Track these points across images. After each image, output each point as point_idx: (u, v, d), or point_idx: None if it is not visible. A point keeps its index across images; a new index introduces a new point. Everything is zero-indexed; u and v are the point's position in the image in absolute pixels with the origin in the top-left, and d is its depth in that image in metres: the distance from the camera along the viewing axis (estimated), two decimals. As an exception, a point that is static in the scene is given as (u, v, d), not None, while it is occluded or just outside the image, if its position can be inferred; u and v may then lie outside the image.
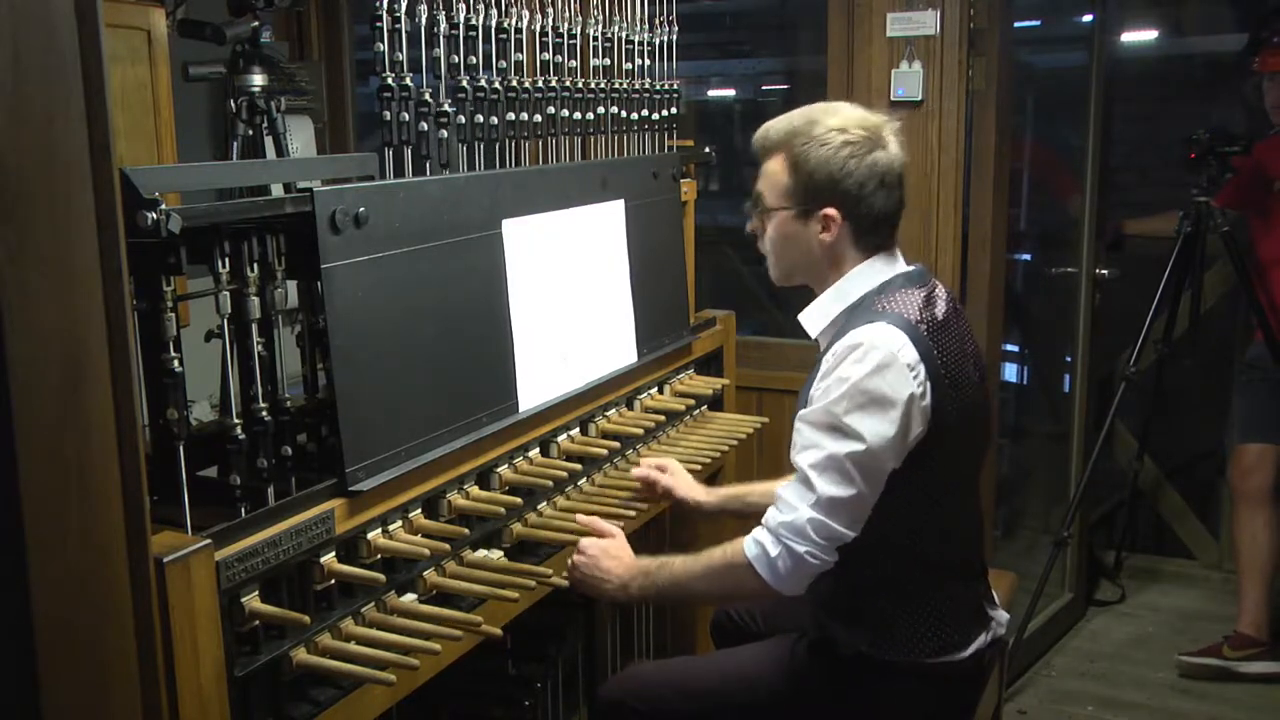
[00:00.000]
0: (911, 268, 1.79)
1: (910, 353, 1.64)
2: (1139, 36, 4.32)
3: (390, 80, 1.74)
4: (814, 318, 1.81)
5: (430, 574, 1.67)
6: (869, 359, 1.63)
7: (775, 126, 1.78)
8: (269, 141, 2.27)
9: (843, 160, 1.70)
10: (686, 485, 2.09)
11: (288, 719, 1.44)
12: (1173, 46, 4.42)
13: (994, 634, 1.82)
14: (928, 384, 1.64)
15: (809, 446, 1.66)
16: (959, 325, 1.77)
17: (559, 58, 2.12)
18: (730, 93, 4.88)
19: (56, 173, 1.06)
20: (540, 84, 2.07)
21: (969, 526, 1.84)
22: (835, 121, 1.72)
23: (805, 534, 1.64)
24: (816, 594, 1.80)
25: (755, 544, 1.69)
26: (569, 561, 1.86)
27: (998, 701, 2.09)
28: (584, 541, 1.86)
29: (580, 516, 1.92)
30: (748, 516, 1.97)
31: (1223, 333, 3.88)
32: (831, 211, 1.72)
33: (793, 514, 1.65)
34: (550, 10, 2.08)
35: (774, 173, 1.77)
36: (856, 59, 2.89)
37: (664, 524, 2.51)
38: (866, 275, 1.76)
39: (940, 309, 1.73)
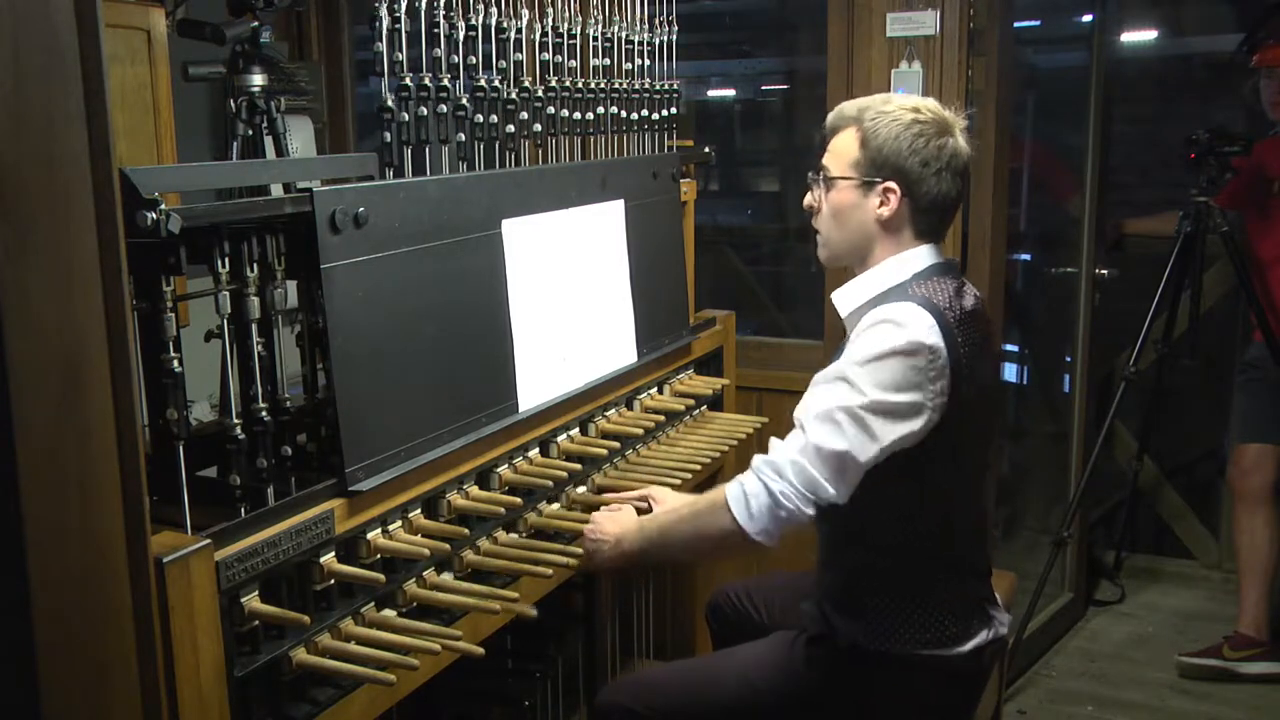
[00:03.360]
0: (945, 261, 1.81)
1: (935, 337, 1.65)
2: (1139, 36, 4.31)
3: (390, 103, 1.75)
4: (848, 296, 1.82)
5: (430, 573, 1.67)
6: (893, 337, 1.64)
7: (849, 103, 1.82)
8: (269, 141, 2.26)
9: (911, 138, 1.72)
10: (673, 497, 2.03)
11: (288, 719, 1.45)
12: (1173, 46, 4.42)
13: (995, 632, 1.83)
14: (947, 371, 1.65)
15: (809, 400, 1.69)
16: (983, 322, 1.78)
17: (559, 58, 2.12)
18: (730, 93, 4.87)
19: (56, 173, 1.06)
20: (540, 84, 2.07)
21: (970, 524, 1.84)
22: (909, 103, 1.76)
23: (784, 473, 1.66)
24: (818, 585, 1.81)
25: (736, 483, 1.71)
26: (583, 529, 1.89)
27: (997, 701, 2.09)
28: (594, 514, 1.91)
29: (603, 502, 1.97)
30: None
31: (1223, 333, 3.88)
32: (893, 185, 1.74)
33: (775, 453, 1.69)
34: (550, 10, 2.08)
35: (843, 145, 1.79)
36: (856, 59, 2.89)
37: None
38: (905, 263, 1.77)
39: (968, 302, 1.75)
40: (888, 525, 1.69)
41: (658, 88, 2.45)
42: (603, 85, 2.26)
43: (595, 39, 2.25)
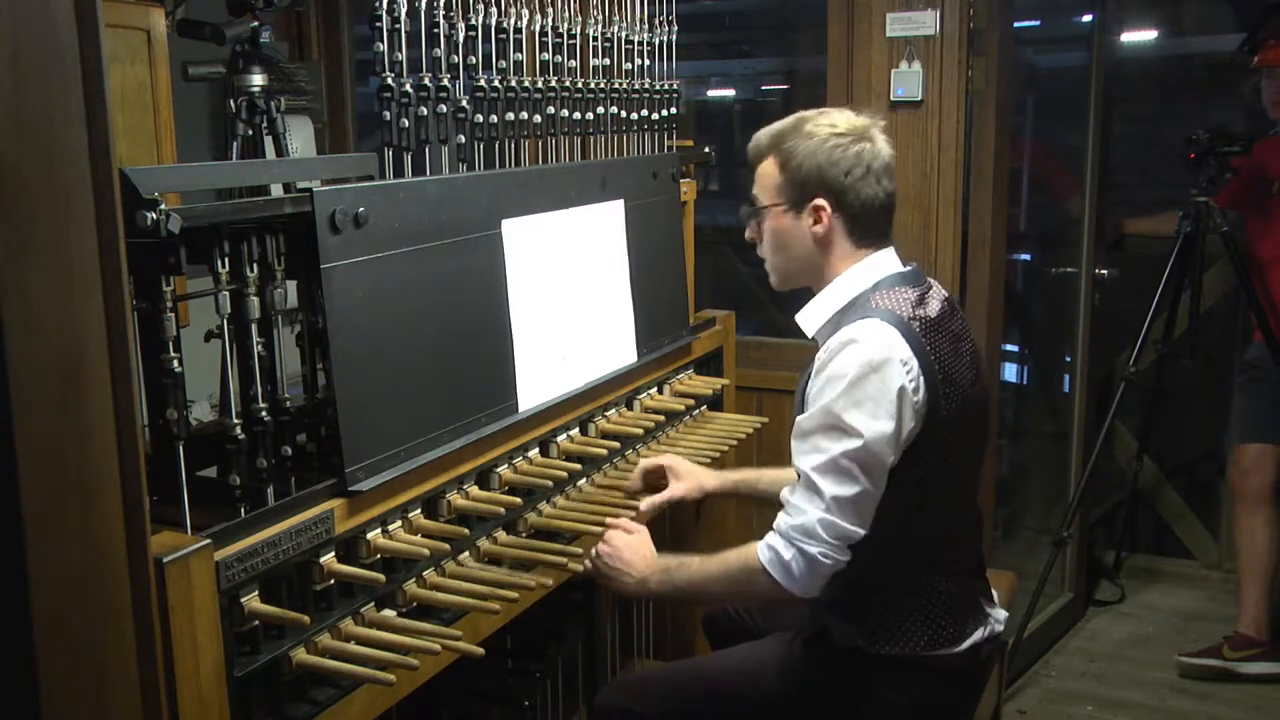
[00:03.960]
0: (906, 268, 1.81)
1: (903, 348, 1.66)
2: (1139, 36, 4.31)
3: (390, 80, 1.74)
4: (810, 317, 1.83)
5: (430, 574, 1.67)
6: (861, 355, 1.65)
7: (764, 133, 1.83)
8: (269, 141, 2.26)
9: (829, 150, 1.74)
10: (688, 472, 2.09)
11: (288, 719, 1.45)
12: (1173, 46, 4.42)
13: (991, 630, 1.83)
14: (920, 379, 1.66)
15: (809, 450, 1.68)
16: (953, 324, 1.78)
17: (559, 58, 2.12)
18: (730, 93, 4.87)
19: (56, 173, 1.06)
20: (540, 84, 2.07)
21: (965, 525, 1.85)
22: (822, 120, 1.78)
23: (816, 535, 1.66)
24: None
25: (768, 549, 1.70)
26: (593, 551, 1.88)
27: (997, 701, 2.09)
28: (610, 533, 1.89)
29: (609, 520, 1.95)
30: (757, 500, 2.05)
31: (1223, 333, 3.88)
32: (821, 202, 1.75)
33: (802, 517, 1.67)
34: (550, 10, 2.08)
35: (766, 173, 1.81)
36: (856, 59, 2.89)
37: (664, 523, 2.51)
38: (861, 274, 1.78)
39: (934, 308, 1.75)
40: (883, 529, 1.69)
41: (657, 88, 2.45)
42: (603, 85, 2.26)
43: (595, 39, 2.25)
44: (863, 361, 1.64)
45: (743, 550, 1.75)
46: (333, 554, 1.51)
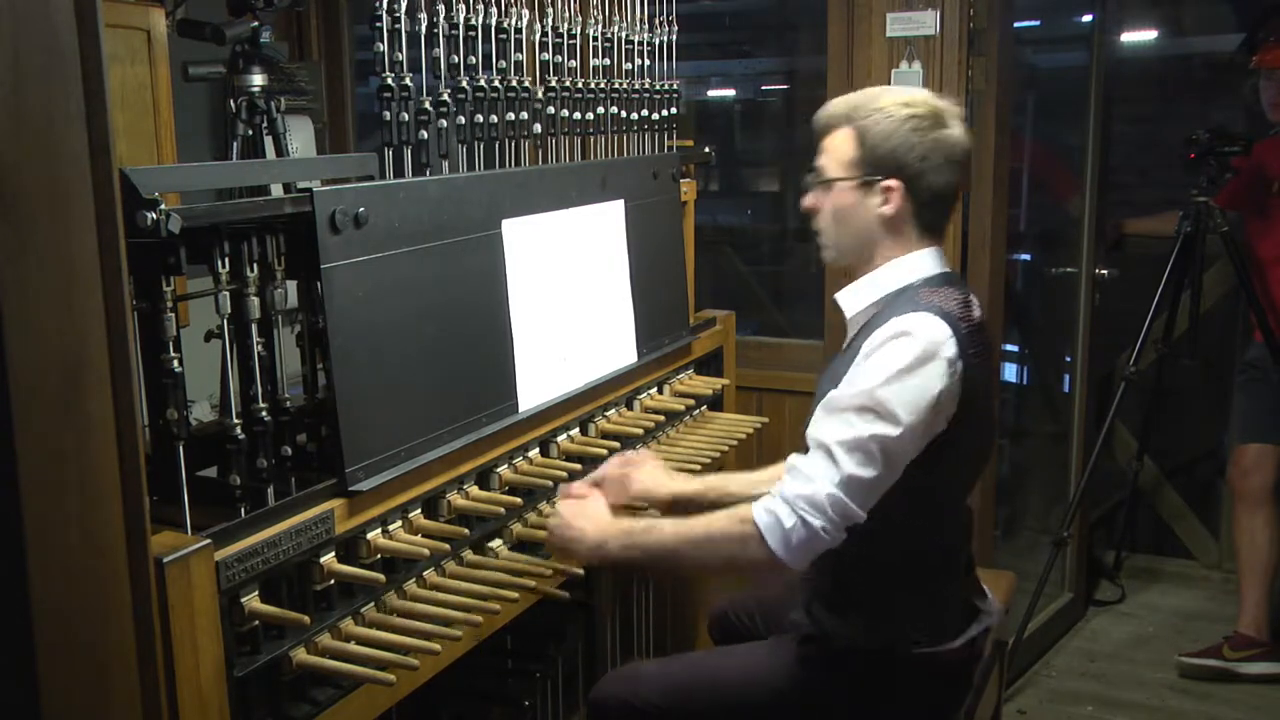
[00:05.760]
0: (949, 271, 1.79)
1: (952, 347, 1.63)
2: (1139, 36, 4.31)
3: (390, 80, 1.74)
4: (854, 296, 1.79)
5: (430, 574, 1.67)
6: (914, 347, 1.62)
7: (837, 102, 1.78)
8: (269, 141, 2.27)
9: (907, 133, 1.69)
10: (652, 475, 1.98)
11: (288, 719, 1.45)
12: (1173, 46, 4.42)
13: (985, 625, 1.83)
14: (959, 383, 1.64)
15: (838, 423, 1.63)
16: (988, 335, 1.77)
17: (559, 58, 2.13)
18: (730, 93, 4.87)
19: (56, 173, 1.06)
20: (540, 84, 2.07)
21: (960, 524, 1.85)
22: (901, 97, 1.73)
23: (823, 509, 1.61)
24: (810, 588, 1.80)
25: (767, 513, 1.64)
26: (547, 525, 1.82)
27: (997, 701, 2.09)
28: (559, 503, 1.83)
29: (562, 486, 1.90)
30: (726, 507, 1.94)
31: (1223, 333, 3.88)
32: (893, 183, 1.71)
33: (811, 487, 1.62)
34: (550, 10, 2.09)
35: (837, 145, 1.76)
36: (856, 59, 2.89)
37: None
38: (914, 265, 1.75)
39: (976, 314, 1.74)
40: (880, 526, 1.69)
41: (658, 88, 2.45)
42: (603, 85, 2.26)
43: (595, 39, 2.25)
44: (915, 354, 1.61)
45: (733, 512, 1.68)
46: (333, 554, 1.51)
